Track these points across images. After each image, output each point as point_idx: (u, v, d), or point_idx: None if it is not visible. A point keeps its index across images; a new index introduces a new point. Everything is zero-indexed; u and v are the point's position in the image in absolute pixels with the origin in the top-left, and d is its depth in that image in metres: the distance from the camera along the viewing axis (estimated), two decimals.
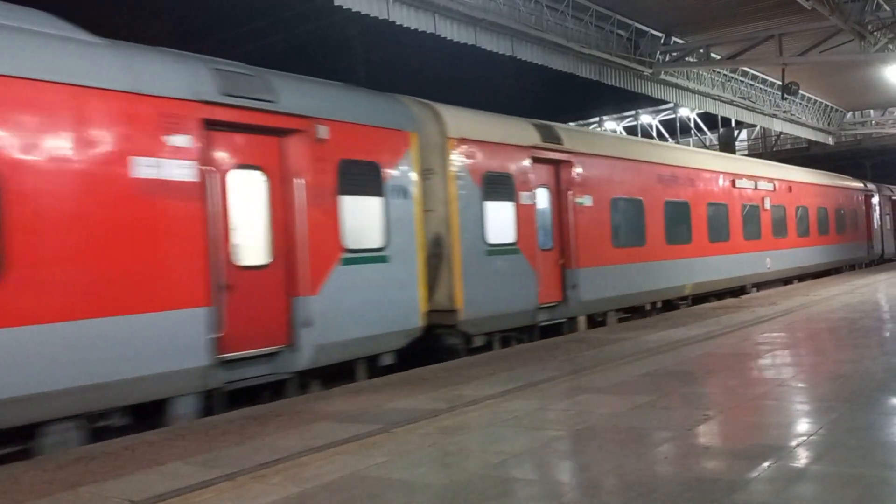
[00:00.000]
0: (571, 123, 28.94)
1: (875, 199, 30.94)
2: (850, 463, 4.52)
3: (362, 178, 9.02)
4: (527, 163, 11.77)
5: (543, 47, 16.19)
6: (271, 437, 5.95)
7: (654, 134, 37.84)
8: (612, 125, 38.56)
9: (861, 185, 29.30)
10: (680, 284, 16.01)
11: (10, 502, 4.71)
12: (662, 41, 18.99)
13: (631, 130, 37.38)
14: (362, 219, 9.02)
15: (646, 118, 38.06)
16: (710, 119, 35.27)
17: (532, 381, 7.82)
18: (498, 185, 11.18)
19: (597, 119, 38.66)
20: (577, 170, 12.99)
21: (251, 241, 7.93)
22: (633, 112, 37.93)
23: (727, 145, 34.75)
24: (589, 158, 13.42)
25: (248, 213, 7.93)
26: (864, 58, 18.20)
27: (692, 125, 37.87)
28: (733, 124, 35.19)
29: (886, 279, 20.85)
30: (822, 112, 30.09)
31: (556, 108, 29.60)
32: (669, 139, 37.60)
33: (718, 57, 19.83)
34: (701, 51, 19.36)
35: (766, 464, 4.57)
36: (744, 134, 40.16)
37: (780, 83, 21.02)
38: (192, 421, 6.98)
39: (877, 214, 30.99)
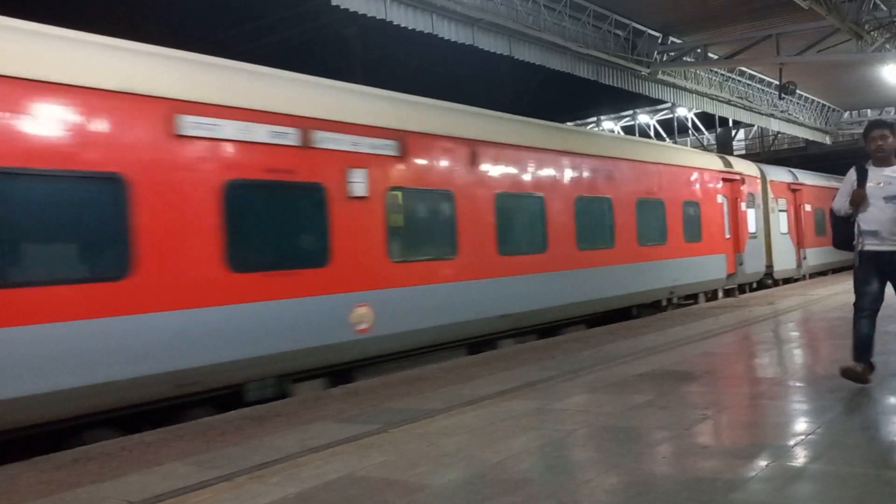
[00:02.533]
0: (569, 123, 28.96)
1: (752, 188, 19.62)
2: (848, 462, 4.53)
3: None
4: None
5: (541, 47, 16.21)
6: (269, 438, 5.95)
7: (652, 134, 37.82)
8: (609, 125, 38.59)
9: (719, 162, 18.42)
10: None
11: (8, 503, 4.71)
12: (660, 41, 19.02)
13: (629, 130, 37.40)
14: None
15: (643, 118, 38.10)
16: (707, 119, 35.32)
17: (530, 380, 7.82)
18: None
19: (594, 119, 38.70)
20: None
21: None
22: (630, 112, 37.98)
23: (725, 145, 34.78)
24: None
25: None
26: (861, 57, 18.23)
27: (690, 125, 37.90)
28: (731, 124, 35.24)
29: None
30: (820, 112, 30.13)
31: (554, 107, 29.66)
32: (667, 139, 37.64)
33: (716, 57, 19.86)
34: (698, 50, 19.40)
35: (763, 463, 4.57)
36: (741, 134, 40.23)
37: (777, 83, 21.04)
38: (190, 422, 6.98)
39: (756, 211, 19.68)
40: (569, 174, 12.80)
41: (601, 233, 13.58)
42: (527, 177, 11.89)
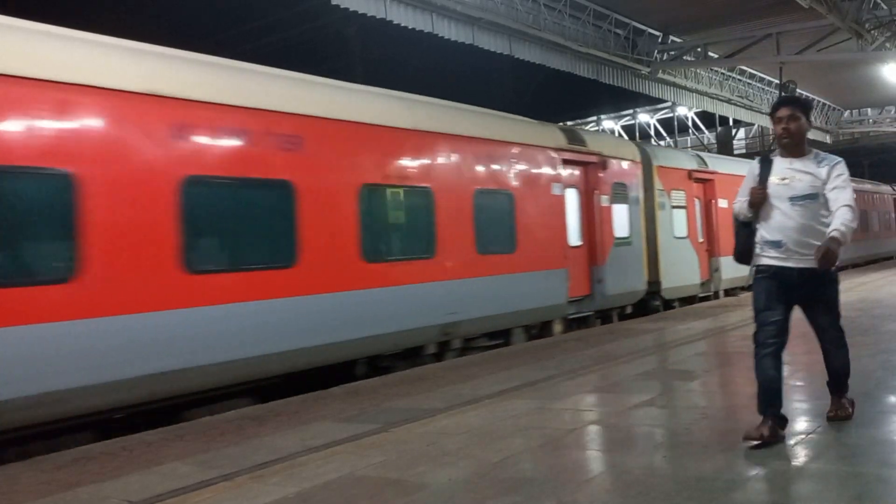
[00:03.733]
0: (569, 122, 28.97)
1: (624, 176, 14.20)
2: (848, 461, 4.52)
3: None
4: None
5: (541, 46, 16.23)
6: (269, 438, 5.95)
7: (653, 133, 37.85)
8: (609, 124, 38.60)
9: (558, 136, 12.88)
10: None
11: (8, 503, 4.71)
12: (660, 40, 19.04)
13: (629, 129, 37.43)
14: None
15: (644, 117, 38.10)
16: (708, 118, 35.31)
17: (530, 380, 7.82)
18: None
19: (594, 118, 38.70)
20: None
21: None
22: (630, 111, 37.99)
23: (725, 144, 34.77)
24: None
25: None
26: (861, 56, 18.25)
27: (690, 124, 37.89)
28: (731, 123, 35.24)
29: None
30: (820, 110, 30.15)
31: (554, 106, 29.66)
32: (668, 138, 37.66)
33: (716, 56, 19.87)
34: (698, 49, 19.42)
35: (764, 462, 4.56)
36: (742, 133, 40.23)
37: (777, 82, 21.04)
38: (190, 422, 6.99)
39: (631, 208, 14.38)
40: (180, 141, 7.34)
41: (263, 243, 8.20)
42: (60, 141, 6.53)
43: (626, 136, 35.72)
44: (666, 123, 38.20)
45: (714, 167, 17.95)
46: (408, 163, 9.90)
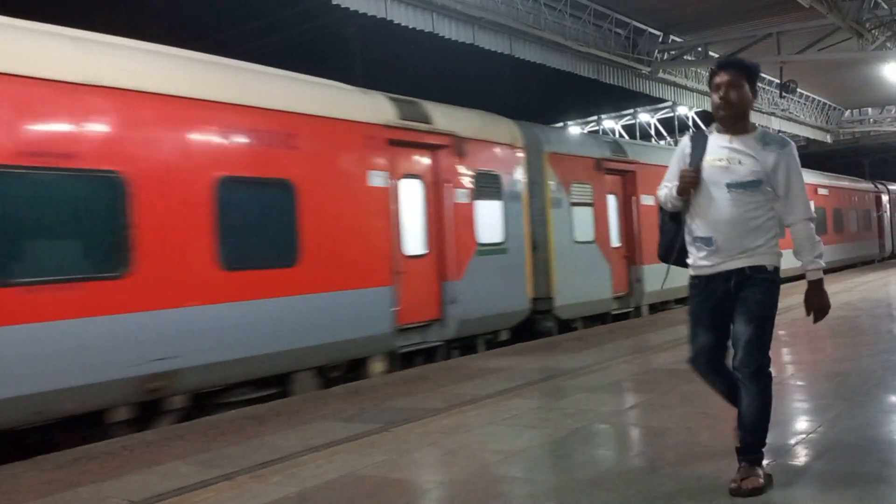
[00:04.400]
0: (570, 123, 28.96)
1: (493, 163, 11.33)
2: (849, 461, 4.52)
3: None
4: None
5: (542, 46, 16.21)
6: (270, 437, 5.95)
7: (653, 132, 37.88)
8: (610, 123, 38.61)
9: (381, 105, 9.66)
10: None
11: (9, 503, 4.71)
12: (660, 39, 19.03)
13: (630, 129, 37.44)
14: None
15: (644, 116, 38.09)
16: (709, 117, 35.30)
17: (531, 379, 7.83)
18: None
19: (595, 118, 38.70)
20: None
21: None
22: (631, 111, 37.98)
23: None
24: None
25: None
26: (862, 56, 18.22)
27: (691, 124, 37.88)
28: None
29: None
30: (821, 110, 30.12)
31: (555, 106, 29.65)
32: (668, 138, 37.66)
33: (717, 55, 19.84)
34: (699, 49, 19.41)
35: (764, 462, 4.55)
36: None
37: (778, 81, 21.04)
38: (190, 421, 6.99)
39: (509, 205, 11.53)
40: None
41: None
42: None
43: (626, 136, 35.74)
44: (667, 123, 38.18)
45: (635, 156, 15.06)
46: (73, 135, 6.43)
